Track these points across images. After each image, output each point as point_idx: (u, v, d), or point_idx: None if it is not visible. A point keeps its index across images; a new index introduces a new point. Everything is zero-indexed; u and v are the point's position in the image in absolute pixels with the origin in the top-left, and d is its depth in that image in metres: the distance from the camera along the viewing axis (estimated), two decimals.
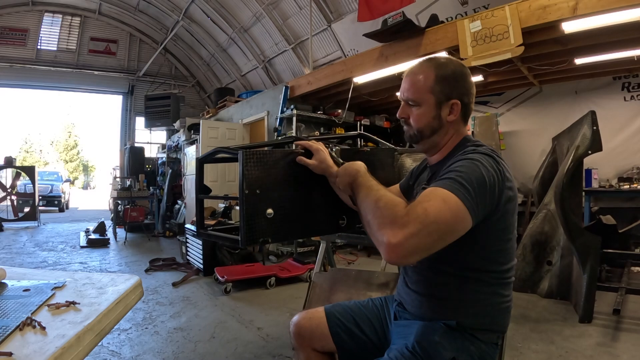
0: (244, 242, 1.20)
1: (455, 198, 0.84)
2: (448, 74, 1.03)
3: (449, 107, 1.04)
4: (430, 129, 1.05)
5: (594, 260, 2.73)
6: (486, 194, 0.88)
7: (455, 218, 0.83)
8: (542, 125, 5.05)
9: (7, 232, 7.46)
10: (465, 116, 1.08)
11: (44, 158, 34.91)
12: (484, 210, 0.88)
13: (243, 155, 1.17)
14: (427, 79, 1.04)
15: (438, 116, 1.04)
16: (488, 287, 0.97)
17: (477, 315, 0.97)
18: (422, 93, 1.04)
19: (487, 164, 0.91)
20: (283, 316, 2.99)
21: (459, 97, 1.04)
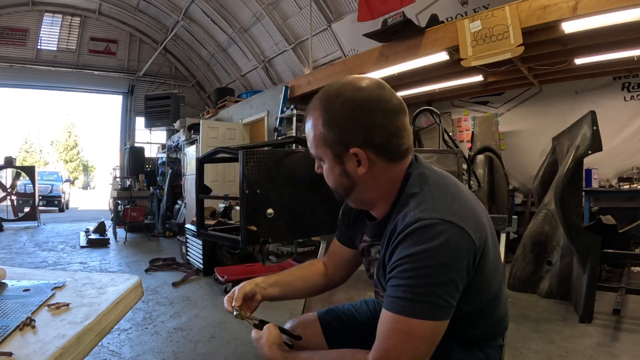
0: (244, 242, 1.20)
1: (420, 323, 0.71)
2: (337, 114, 0.79)
3: (353, 158, 0.80)
4: (343, 188, 0.86)
5: (594, 260, 2.73)
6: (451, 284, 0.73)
7: (431, 340, 0.73)
8: (542, 125, 5.04)
9: (7, 232, 7.46)
10: (391, 154, 0.81)
11: (44, 158, 34.92)
12: (456, 297, 0.74)
13: (243, 155, 1.17)
14: (317, 126, 0.82)
15: (344, 172, 0.82)
16: (484, 313, 0.87)
17: (476, 331, 0.90)
18: (317, 146, 0.83)
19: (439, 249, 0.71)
20: (283, 316, 2.99)
21: (361, 143, 0.78)
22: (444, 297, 0.72)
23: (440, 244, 0.71)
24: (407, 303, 0.72)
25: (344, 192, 0.87)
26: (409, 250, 0.73)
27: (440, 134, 2.29)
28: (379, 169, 0.81)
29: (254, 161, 1.17)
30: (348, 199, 0.89)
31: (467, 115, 5.93)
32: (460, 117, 6.01)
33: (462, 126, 6.00)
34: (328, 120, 0.80)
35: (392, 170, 0.83)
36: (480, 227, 0.78)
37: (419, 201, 0.77)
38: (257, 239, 1.20)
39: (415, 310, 0.71)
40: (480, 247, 0.76)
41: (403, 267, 0.73)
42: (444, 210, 0.74)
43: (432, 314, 0.71)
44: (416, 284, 0.71)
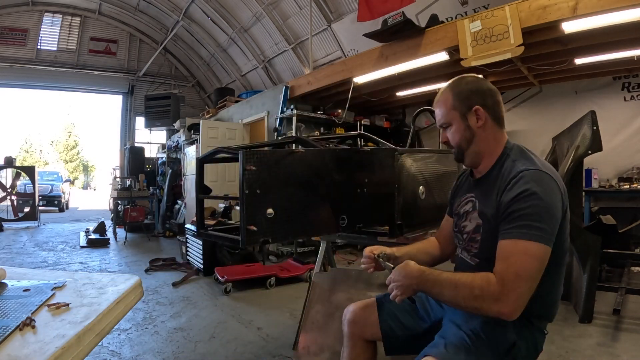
0: (244, 242, 1.20)
1: (535, 245, 0.92)
2: (462, 88, 1.14)
3: (474, 115, 1.12)
4: (465, 140, 1.14)
5: (594, 260, 2.73)
6: (554, 220, 0.97)
7: (542, 262, 0.94)
8: (542, 125, 5.04)
9: (7, 232, 7.46)
10: (497, 119, 1.14)
11: (44, 158, 34.89)
12: (555, 232, 0.97)
13: (243, 155, 1.17)
14: (447, 100, 1.15)
15: (468, 127, 1.13)
16: (550, 279, 1.03)
17: (536, 304, 1.01)
18: (448, 113, 1.15)
19: (545, 190, 0.97)
20: (283, 316, 2.99)
21: (480, 103, 1.12)
22: (550, 227, 0.94)
23: (546, 187, 0.97)
24: (525, 229, 0.93)
25: (465, 143, 1.14)
26: (522, 187, 0.97)
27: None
28: (489, 127, 1.13)
29: (254, 161, 1.17)
30: (467, 151, 1.15)
31: None
32: None
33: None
34: (457, 93, 1.14)
35: (497, 133, 1.14)
36: (564, 188, 1.03)
37: (523, 158, 1.07)
38: (257, 239, 1.20)
39: (531, 235, 0.92)
40: (565, 201, 1.02)
41: (519, 201, 0.96)
42: (543, 166, 1.02)
43: (543, 239, 0.93)
44: (531, 213, 0.94)
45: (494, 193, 1.05)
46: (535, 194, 0.95)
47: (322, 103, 5.93)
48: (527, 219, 0.94)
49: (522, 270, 0.91)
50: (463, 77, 1.18)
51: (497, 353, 1.01)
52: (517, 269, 0.91)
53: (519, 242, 0.93)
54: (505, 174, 1.05)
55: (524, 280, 0.91)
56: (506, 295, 0.90)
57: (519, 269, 0.91)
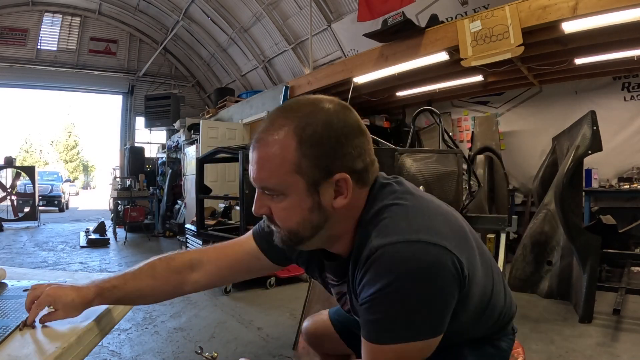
0: None
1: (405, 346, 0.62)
2: (318, 133, 0.65)
3: (332, 186, 0.67)
4: (311, 226, 0.69)
5: (594, 260, 2.73)
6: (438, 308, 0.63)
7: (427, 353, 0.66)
8: (542, 125, 5.04)
9: (7, 232, 7.46)
10: (367, 180, 0.71)
11: (44, 158, 34.89)
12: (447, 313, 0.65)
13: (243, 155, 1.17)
14: (286, 148, 0.65)
15: (317, 205, 0.67)
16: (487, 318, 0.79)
17: (488, 332, 0.83)
18: (283, 177, 0.66)
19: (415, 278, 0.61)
20: (283, 316, 2.99)
21: (347, 166, 0.67)
22: (429, 317, 0.63)
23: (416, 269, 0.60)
24: (390, 334, 0.63)
25: (309, 231, 0.70)
26: (376, 285, 0.62)
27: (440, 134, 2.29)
28: (354, 198, 0.69)
29: None
30: (306, 244, 0.72)
31: (467, 115, 5.93)
32: (460, 117, 6.01)
33: (462, 126, 6.00)
34: (308, 139, 0.65)
35: (360, 195, 0.71)
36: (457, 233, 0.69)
37: (383, 221, 0.67)
38: None
39: (399, 337, 0.62)
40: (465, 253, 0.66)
41: (376, 305, 0.63)
42: (414, 229, 0.63)
43: (421, 334, 0.63)
44: (397, 317, 0.62)
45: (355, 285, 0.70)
46: (397, 291, 0.60)
47: None
48: (391, 323, 0.62)
49: None
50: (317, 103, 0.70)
51: None
52: None
53: (386, 348, 0.63)
54: (362, 256, 0.66)
55: None
56: None
57: None
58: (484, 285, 0.74)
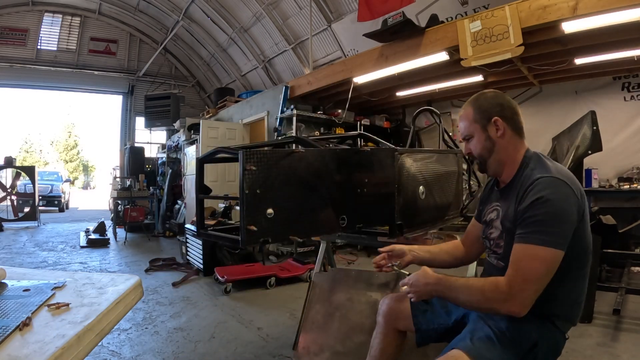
0: (244, 242, 1.20)
1: (543, 249, 0.99)
2: (482, 102, 1.23)
3: (493, 125, 1.20)
4: (487, 150, 1.22)
5: (594, 260, 2.73)
6: (567, 225, 1.02)
7: (549, 265, 1.00)
8: (542, 125, 5.04)
9: (7, 232, 7.46)
10: (516, 129, 1.21)
11: (44, 158, 34.88)
12: (569, 236, 1.02)
13: (243, 155, 1.17)
14: (469, 114, 1.25)
15: (488, 137, 1.21)
16: (573, 282, 1.11)
17: (559, 306, 1.11)
18: (470, 126, 1.24)
19: (558, 197, 1.02)
20: (283, 316, 2.99)
21: (499, 114, 1.20)
22: (562, 232, 1.01)
23: (559, 193, 1.03)
24: (534, 235, 1.01)
25: (487, 153, 1.22)
26: (536, 195, 1.03)
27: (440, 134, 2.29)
28: (509, 137, 1.20)
29: (254, 161, 1.17)
30: (489, 161, 1.23)
31: None
32: None
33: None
34: (478, 107, 1.23)
35: (517, 142, 1.21)
36: (581, 190, 1.08)
37: (541, 166, 1.12)
38: (257, 239, 1.20)
39: (539, 239, 1.00)
40: (582, 205, 1.06)
41: (533, 208, 1.03)
42: (558, 173, 1.07)
43: (552, 243, 0.99)
44: (543, 219, 1.01)
45: (515, 201, 1.11)
46: (548, 200, 1.01)
47: (322, 103, 5.93)
48: (539, 224, 1.01)
49: (529, 274, 1.00)
50: (483, 92, 1.26)
51: (519, 351, 1.07)
52: (524, 273, 1.00)
53: (529, 247, 1.01)
54: (524, 183, 1.11)
55: (531, 283, 1.00)
56: (514, 297, 1.00)
57: (526, 273, 1.00)
58: (590, 237, 1.13)
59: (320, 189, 1.39)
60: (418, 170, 1.73)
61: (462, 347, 1.08)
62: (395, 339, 1.42)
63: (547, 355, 1.10)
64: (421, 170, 1.75)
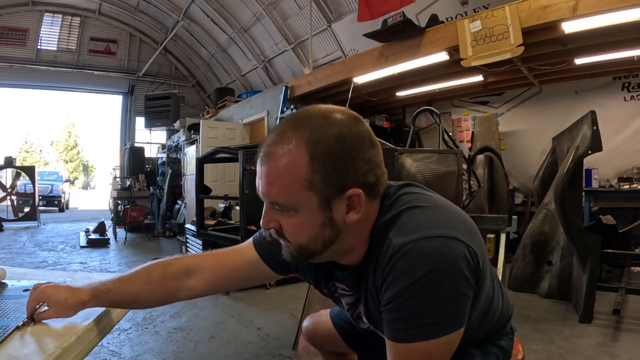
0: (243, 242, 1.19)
1: (436, 342, 0.64)
2: (331, 148, 0.64)
3: (344, 202, 0.67)
4: (322, 241, 0.69)
5: (594, 260, 2.73)
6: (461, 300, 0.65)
7: (450, 349, 0.67)
8: (542, 125, 5.04)
9: (7, 232, 7.46)
10: (377, 193, 0.71)
11: (44, 158, 34.89)
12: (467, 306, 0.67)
13: (243, 155, 1.17)
14: (297, 164, 0.64)
15: (329, 221, 0.67)
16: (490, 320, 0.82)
17: (490, 333, 0.86)
18: (293, 193, 0.65)
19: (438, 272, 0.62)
20: (283, 316, 2.99)
21: (360, 181, 0.66)
22: (455, 311, 0.65)
23: (439, 264, 0.62)
24: (417, 329, 0.63)
25: (321, 246, 0.69)
26: (402, 283, 0.63)
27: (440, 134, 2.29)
28: (366, 211, 0.69)
29: (254, 161, 1.17)
30: (317, 258, 0.72)
31: (467, 115, 5.93)
32: (460, 117, 6.01)
33: (462, 126, 6.00)
34: (320, 155, 0.63)
35: (374, 208, 0.71)
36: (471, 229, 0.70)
37: (402, 221, 0.67)
38: None
39: (425, 334, 0.63)
40: (479, 257, 0.67)
41: (403, 302, 0.64)
42: (429, 226, 0.65)
43: (448, 329, 0.64)
44: (422, 312, 0.63)
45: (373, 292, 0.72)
46: (424, 285, 0.62)
47: (322, 103, 5.91)
48: (421, 318, 0.63)
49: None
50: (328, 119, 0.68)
51: None
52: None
53: (415, 346, 0.64)
54: (380, 262, 0.68)
55: None
56: None
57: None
58: (490, 285, 0.76)
59: None
60: (418, 170, 1.73)
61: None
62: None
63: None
64: (421, 170, 1.75)
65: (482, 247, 0.71)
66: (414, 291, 0.62)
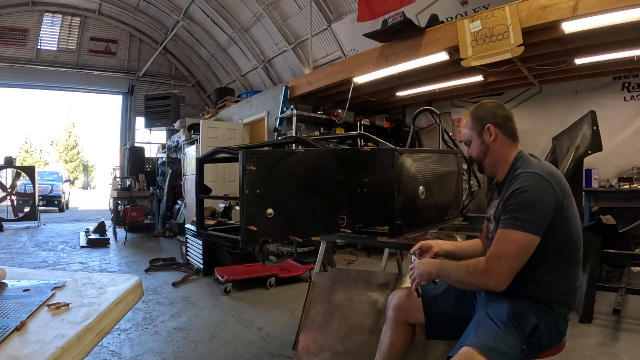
0: (244, 242, 1.19)
1: (517, 233, 1.15)
2: (478, 111, 1.41)
3: (487, 131, 1.37)
4: (482, 153, 1.40)
5: (594, 260, 2.73)
6: (541, 213, 1.16)
7: (522, 247, 1.15)
8: (542, 125, 5.04)
9: (7, 232, 7.46)
10: (509, 134, 1.36)
11: (44, 158, 34.86)
12: (546, 222, 1.16)
13: (243, 155, 1.17)
14: (468, 122, 1.43)
15: (483, 142, 1.39)
16: (562, 269, 1.23)
17: (553, 292, 1.22)
18: (468, 132, 1.43)
19: (534, 188, 1.18)
20: (283, 316, 2.99)
21: (491, 121, 1.37)
22: (532, 218, 1.15)
23: (535, 184, 1.18)
24: (510, 220, 1.17)
25: (482, 155, 1.39)
26: (515, 187, 1.21)
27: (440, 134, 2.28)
28: (501, 141, 1.36)
29: (254, 161, 1.17)
30: (484, 162, 1.40)
31: None
32: (460, 117, 6.01)
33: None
34: (474, 115, 1.41)
35: (509, 146, 1.36)
36: (561, 184, 1.22)
37: (526, 164, 1.28)
38: (257, 239, 1.20)
39: (513, 224, 1.16)
40: (561, 197, 1.19)
41: (511, 197, 1.20)
42: (538, 169, 1.23)
43: (524, 228, 1.15)
44: (517, 207, 1.17)
45: (504, 196, 1.26)
46: (525, 191, 1.18)
47: (322, 103, 5.93)
48: (515, 211, 1.17)
49: (503, 252, 1.16)
50: (482, 103, 1.43)
51: (523, 335, 1.16)
52: (500, 252, 1.17)
53: (505, 231, 1.18)
54: (512, 176, 1.27)
55: (504, 259, 1.15)
56: (490, 272, 1.16)
57: (501, 252, 1.16)
58: (577, 228, 1.24)
59: (320, 189, 1.39)
60: (418, 170, 1.73)
61: (470, 343, 1.15)
62: (405, 332, 1.50)
63: (550, 336, 1.20)
64: (421, 170, 1.75)
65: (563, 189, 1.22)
66: (518, 195, 1.19)
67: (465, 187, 2.41)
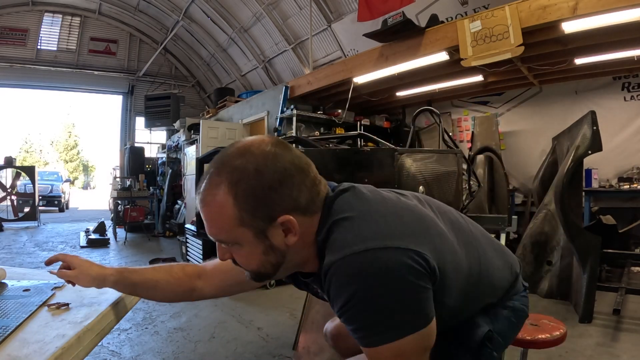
0: None
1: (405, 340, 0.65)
2: (251, 185, 0.67)
3: (279, 228, 0.70)
4: (270, 266, 0.74)
5: (594, 260, 2.73)
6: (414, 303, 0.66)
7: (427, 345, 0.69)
8: (542, 125, 5.04)
9: (7, 232, 7.46)
10: (311, 209, 0.73)
11: (44, 158, 34.87)
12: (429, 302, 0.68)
13: None
14: (225, 209, 0.68)
15: (270, 247, 0.71)
16: (484, 291, 0.85)
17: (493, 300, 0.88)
18: (230, 231, 0.70)
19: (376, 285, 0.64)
20: (283, 316, 2.99)
21: (289, 206, 0.69)
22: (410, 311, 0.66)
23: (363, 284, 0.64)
24: (378, 336, 0.65)
25: (271, 269, 0.74)
26: (340, 300, 0.66)
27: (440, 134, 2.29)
28: (306, 227, 0.72)
29: None
30: (275, 275, 0.77)
31: (467, 115, 5.93)
32: (460, 117, 6.01)
33: (462, 126, 6.00)
34: (242, 194, 0.67)
35: (314, 221, 0.73)
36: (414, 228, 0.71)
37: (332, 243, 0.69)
38: None
39: (387, 337, 0.65)
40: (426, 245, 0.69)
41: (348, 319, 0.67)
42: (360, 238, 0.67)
43: (407, 331, 0.65)
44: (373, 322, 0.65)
45: None
46: (362, 300, 0.64)
47: (322, 103, 5.93)
48: (372, 327, 0.66)
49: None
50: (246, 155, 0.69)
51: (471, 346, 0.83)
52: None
53: (381, 349, 0.66)
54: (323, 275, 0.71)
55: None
56: None
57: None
58: (469, 267, 0.78)
59: None
60: (418, 170, 1.73)
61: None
62: None
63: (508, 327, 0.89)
64: (421, 170, 1.75)
65: (434, 238, 0.72)
66: (355, 306, 0.65)
67: (465, 187, 2.42)
